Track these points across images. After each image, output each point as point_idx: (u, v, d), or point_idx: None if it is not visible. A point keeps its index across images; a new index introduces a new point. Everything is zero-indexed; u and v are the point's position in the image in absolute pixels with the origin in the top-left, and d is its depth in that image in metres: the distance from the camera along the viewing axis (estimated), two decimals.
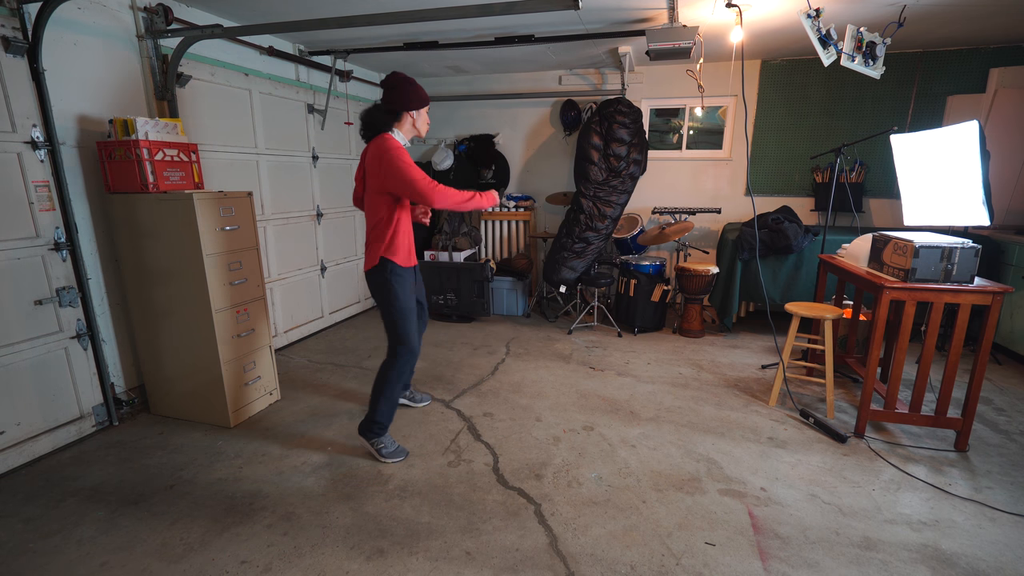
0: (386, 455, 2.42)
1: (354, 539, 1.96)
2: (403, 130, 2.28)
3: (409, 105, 2.23)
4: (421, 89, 2.27)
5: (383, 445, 2.43)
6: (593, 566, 1.82)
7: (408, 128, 2.29)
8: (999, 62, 4.08)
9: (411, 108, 2.25)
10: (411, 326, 2.33)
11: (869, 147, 4.48)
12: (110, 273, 2.85)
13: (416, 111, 2.27)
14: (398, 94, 2.22)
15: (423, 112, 2.30)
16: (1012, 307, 3.60)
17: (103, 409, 2.80)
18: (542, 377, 3.48)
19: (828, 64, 2.63)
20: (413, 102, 2.24)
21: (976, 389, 2.47)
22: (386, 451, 2.42)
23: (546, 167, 5.51)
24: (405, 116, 2.25)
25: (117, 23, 2.79)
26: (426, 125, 2.33)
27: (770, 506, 2.14)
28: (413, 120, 2.27)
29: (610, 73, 5.04)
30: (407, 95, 2.23)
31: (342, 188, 4.76)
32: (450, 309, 4.74)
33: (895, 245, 2.53)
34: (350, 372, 3.60)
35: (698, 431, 2.76)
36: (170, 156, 2.63)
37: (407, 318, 2.32)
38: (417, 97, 2.24)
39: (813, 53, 3.91)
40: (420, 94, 2.26)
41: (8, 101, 2.35)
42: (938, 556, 1.87)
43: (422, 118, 2.31)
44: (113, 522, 2.06)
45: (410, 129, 2.30)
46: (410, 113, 2.26)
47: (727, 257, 4.24)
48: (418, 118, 2.29)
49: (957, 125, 3.24)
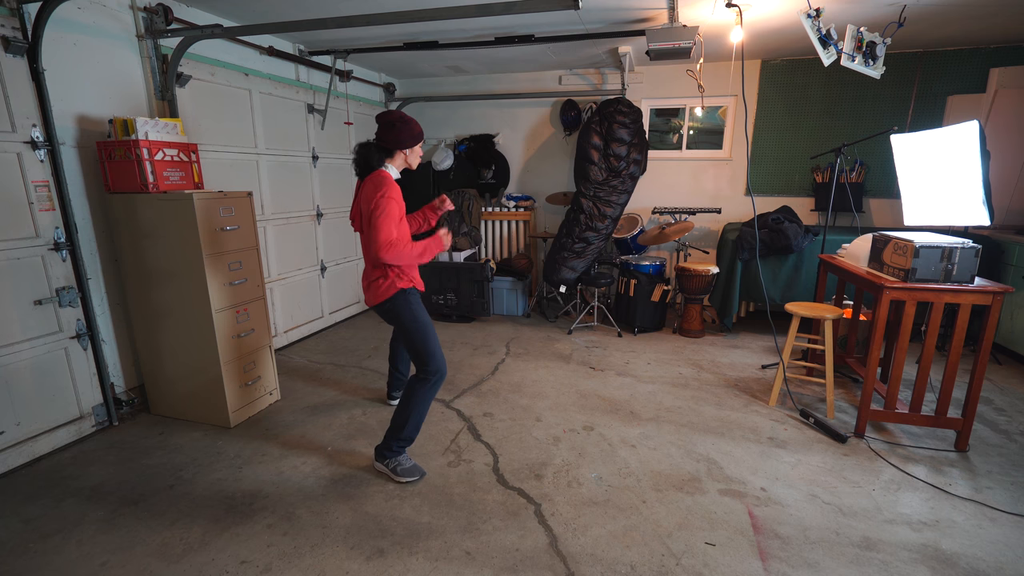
0: (402, 472, 2.32)
1: (354, 539, 1.96)
2: (395, 164, 2.33)
3: (403, 144, 2.28)
4: (416, 126, 2.30)
5: (399, 463, 2.34)
6: (593, 566, 1.82)
7: (400, 163, 2.34)
8: (999, 62, 4.08)
9: (407, 146, 2.30)
10: (435, 343, 2.30)
11: (869, 147, 4.48)
12: (110, 273, 2.85)
13: (409, 148, 2.32)
14: (395, 133, 2.25)
15: (416, 148, 2.34)
16: (1012, 307, 3.60)
17: (103, 409, 2.80)
18: (542, 377, 3.48)
19: (828, 64, 2.63)
20: (407, 141, 2.27)
21: (976, 389, 2.47)
22: (402, 468, 2.33)
23: (546, 167, 5.51)
24: (398, 153, 2.30)
25: (117, 23, 2.79)
26: (417, 159, 2.38)
27: (770, 506, 2.14)
28: (405, 157, 2.33)
29: (610, 73, 5.04)
30: (403, 135, 2.26)
31: (342, 188, 4.76)
32: (450, 309, 4.74)
33: (895, 245, 2.53)
34: (350, 372, 3.60)
35: (698, 431, 2.76)
36: (170, 156, 2.63)
37: (428, 334, 2.29)
38: (411, 136, 2.28)
39: (813, 53, 3.91)
40: (414, 132, 2.29)
41: (8, 101, 2.35)
42: (938, 556, 1.87)
43: (414, 153, 2.35)
44: (113, 522, 2.06)
45: (401, 163, 2.34)
46: (404, 151, 2.31)
47: (727, 257, 4.24)
48: (410, 155, 2.33)
49: (957, 125, 3.24)
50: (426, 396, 2.30)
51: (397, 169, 2.34)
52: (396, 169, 2.33)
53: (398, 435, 2.32)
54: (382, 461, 2.37)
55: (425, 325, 2.30)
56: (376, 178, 2.22)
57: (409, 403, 2.29)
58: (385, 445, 2.35)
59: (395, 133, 2.25)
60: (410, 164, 2.37)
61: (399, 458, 2.35)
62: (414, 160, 2.36)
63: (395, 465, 2.34)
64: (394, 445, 2.33)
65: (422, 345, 2.27)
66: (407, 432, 2.32)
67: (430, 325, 2.32)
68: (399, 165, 2.34)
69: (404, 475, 2.32)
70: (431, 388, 2.29)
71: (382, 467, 2.38)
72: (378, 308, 2.33)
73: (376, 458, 2.40)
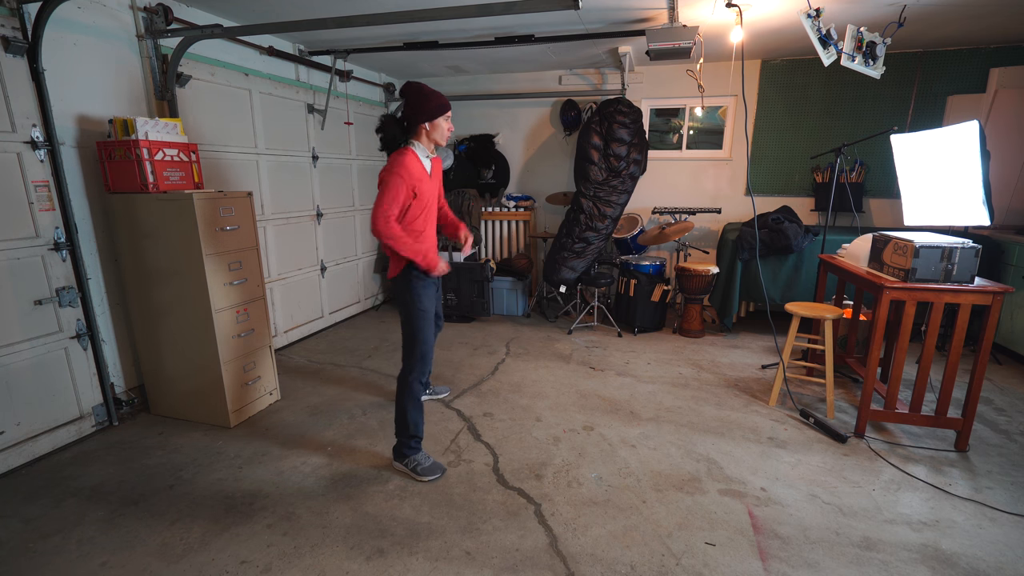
0: (421, 472, 2.31)
1: (354, 539, 1.96)
2: (421, 141, 2.18)
3: (421, 117, 2.12)
4: (436, 98, 2.13)
5: (417, 463, 2.32)
6: (593, 566, 1.82)
7: (425, 140, 2.19)
8: (999, 62, 4.08)
9: (422, 120, 2.13)
10: (429, 329, 2.29)
11: (869, 147, 4.48)
12: (110, 273, 2.85)
13: (429, 122, 2.14)
14: (408, 105, 2.14)
15: (439, 121, 2.16)
16: (1012, 307, 3.60)
17: (103, 409, 2.80)
18: (542, 377, 3.48)
19: (828, 64, 2.63)
20: (424, 114, 2.12)
21: (976, 389, 2.47)
22: (421, 468, 2.32)
23: (546, 167, 5.51)
24: (420, 129, 2.16)
25: (117, 23, 2.79)
26: (444, 135, 2.22)
27: (770, 506, 2.14)
28: (427, 131, 2.16)
29: (610, 73, 5.04)
30: (420, 106, 2.11)
31: (342, 188, 4.76)
32: (450, 309, 4.74)
33: (895, 245, 2.52)
34: (350, 372, 3.60)
35: (698, 431, 2.76)
36: (170, 156, 2.63)
37: (426, 320, 2.28)
38: (428, 108, 2.11)
39: (813, 53, 3.91)
40: (430, 104, 2.12)
41: (8, 101, 2.34)
42: (938, 556, 1.87)
43: (437, 128, 2.17)
44: (113, 522, 2.06)
45: (427, 140, 2.19)
46: (423, 125, 2.14)
47: (727, 257, 4.24)
48: (432, 129, 2.16)
49: (957, 125, 3.24)
50: (410, 387, 2.30)
51: (426, 147, 2.20)
52: (424, 147, 2.20)
53: (405, 434, 2.33)
54: (401, 460, 2.38)
55: (426, 313, 2.27)
56: (393, 157, 2.13)
57: (399, 400, 2.32)
58: (400, 443, 2.37)
59: (410, 105, 2.13)
60: (436, 140, 2.21)
61: (417, 456, 2.36)
62: (439, 136, 2.19)
63: (415, 465, 2.34)
64: (409, 442, 2.35)
65: (415, 330, 2.27)
66: (412, 429, 2.33)
67: (430, 316, 2.30)
68: (426, 143, 2.19)
69: (425, 474, 2.32)
70: (413, 379, 2.30)
71: (401, 466, 2.39)
72: (393, 283, 2.31)
73: (395, 457, 2.40)
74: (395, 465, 2.42)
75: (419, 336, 2.28)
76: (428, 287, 2.29)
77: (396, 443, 2.39)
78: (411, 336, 2.29)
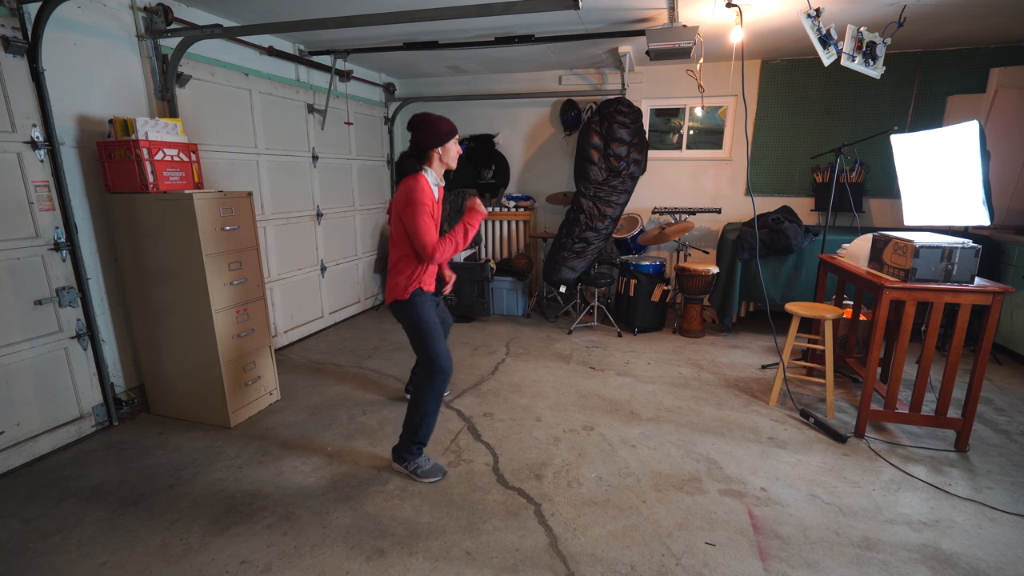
0: (423, 474, 2.33)
1: (354, 539, 1.96)
2: (433, 167, 2.29)
3: (432, 143, 2.24)
4: (443, 123, 2.26)
5: (418, 466, 2.34)
6: (593, 566, 1.82)
7: (437, 165, 2.30)
8: (999, 62, 4.08)
9: (435, 145, 2.25)
10: (440, 343, 2.31)
11: (869, 147, 4.48)
12: (110, 273, 2.85)
13: (441, 147, 2.26)
14: (421, 135, 2.24)
15: (449, 145, 2.28)
16: (1012, 307, 3.60)
17: (103, 409, 2.80)
18: (542, 377, 3.48)
19: (828, 64, 2.63)
20: (435, 139, 2.23)
21: (976, 389, 2.47)
22: (422, 470, 2.34)
23: (546, 167, 5.50)
24: (432, 154, 2.26)
25: (117, 23, 2.79)
26: (454, 157, 2.33)
27: (770, 506, 2.14)
28: (440, 156, 2.28)
29: (610, 73, 5.04)
30: (429, 135, 2.23)
31: (342, 188, 4.76)
32: (450, 309, 4.74)
33: (895, 245, 2.52)
34: (350, 372, 3.60)
35: (698, 431, 2.76)
36: (170, 156, 2.63)
37: (434, 334, 2.30)
38: (438, 133, 2.24)
39: (813, 53, 3.91)
40: (441, 129, 2.24)
41: (8, 101, 2.34)
42: (938, 556, 1.87)
43: (449, 152, 2.29)
44: (113, 522, 2.06)
45: (439, 165, 2.31)
46: (435, 151, 2.26)
47: (727, 257, 4.24)
48: (444, 153, 2.28)
49: (957, 125, 3.24)
50: (434, 394, 2.30)
51: (437, 172, 2.31)
52: (435, 172, 2.30)
53: (414, 437, 2.32)
54: (400, 463, 2.38)
55: (431, 324, 2.30)
56: (405, 182, 2.21)
57: (419, 403, 2.30)
58: (403, 446, 2.35)
59: (422, 134, 2.23)
60: (448, 164, 2.32)
61: (418, 460, 2.36)
62: (450, 159, 2.32)
63: (415, 467, 2.34)
64: (412, 448, 2.34)
65: (427, 344, 2.28)
66: (421, 435, 2.32)
67: (436, 325, 2.33)
68: (437, 168, 2.30)
69: (426, 476, 2.33)
70: (438, 386, 2.30)
71: (400, 468, 2.39)
72: (392, 305, 2.34)
73: (394, 459, 2.40)
74: (394, 467, 2.41)
75: (431, 348, 2.28)
76: (427, 302, 2.33)
77: (397, 444, 2.38)
78: (424, 351, 2.29)
